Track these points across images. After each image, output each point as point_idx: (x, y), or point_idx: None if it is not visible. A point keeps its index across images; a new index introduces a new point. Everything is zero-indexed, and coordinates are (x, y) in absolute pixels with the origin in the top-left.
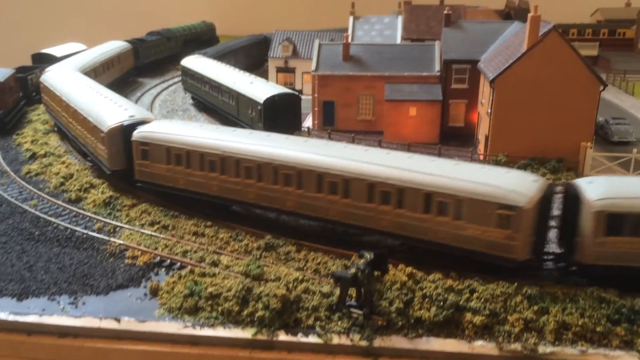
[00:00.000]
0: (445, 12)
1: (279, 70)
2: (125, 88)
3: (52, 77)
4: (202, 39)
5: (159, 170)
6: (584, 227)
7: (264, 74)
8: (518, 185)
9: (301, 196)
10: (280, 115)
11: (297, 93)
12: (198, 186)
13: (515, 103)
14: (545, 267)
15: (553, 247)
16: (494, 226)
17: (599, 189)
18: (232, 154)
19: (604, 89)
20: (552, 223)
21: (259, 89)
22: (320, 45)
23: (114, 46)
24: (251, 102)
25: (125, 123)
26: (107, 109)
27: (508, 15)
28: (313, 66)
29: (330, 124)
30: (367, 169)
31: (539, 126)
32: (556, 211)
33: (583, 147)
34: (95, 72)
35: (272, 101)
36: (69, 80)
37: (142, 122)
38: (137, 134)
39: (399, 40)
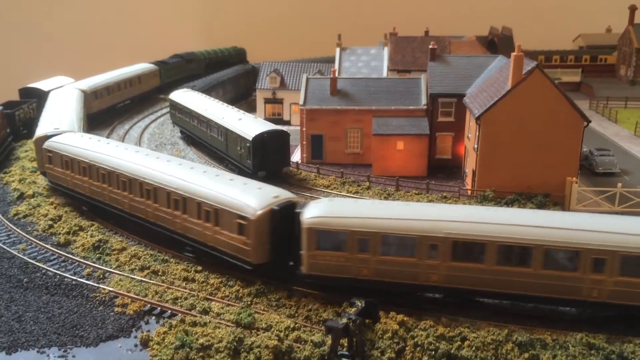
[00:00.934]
0: (430, 46)
1: (267, 101)
2: (112, 121)
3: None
4: (229, 62)
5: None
6: (303, 242)
7: (252, 104)
8: (257, 199)
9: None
10: (269, 152)
11: (285, 130)
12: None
13: (501, 139)
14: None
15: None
16: (236, 233)
17: (315, 208)
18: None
19: (587, 125)
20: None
21: (248, 125)
22: (307, 79)
23: (142, 67)
24: (240, 138)
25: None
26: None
27: (492, 42)
28: (301, 100)
29: (319, 157)
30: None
31: (525, 162)
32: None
33: (569, 182)
34: (124, 85)
35: (260, 138)
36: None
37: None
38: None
39: (385, 71)
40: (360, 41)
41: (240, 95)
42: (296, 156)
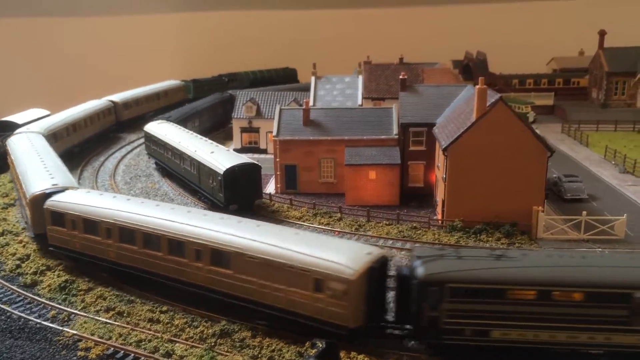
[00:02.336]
0: (400, 76)
1: (243, 130)
2: (86, 155)
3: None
4: (276, 81)
5: None
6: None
7: (230, 133)
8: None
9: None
10: (240, 185)
11: (257, 163)
12: None
13: (468, 169)
14: None
15: None
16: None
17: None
18: None
19: (551, 155)
20: None
21: (220, 159)
22: (281, 110)
23: (170, 83)
24: (212, 172)
25: None
26: None
27: (467, 66)
28: (274, 131)
29: (293, 187)
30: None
31: (492, 191)
32: None
33: (535, 211)
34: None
35: (232, 172)
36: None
37: None
38: None
39: (360, 99)
40: (339, 69)
41: (218, 123)
42: (271, 186)
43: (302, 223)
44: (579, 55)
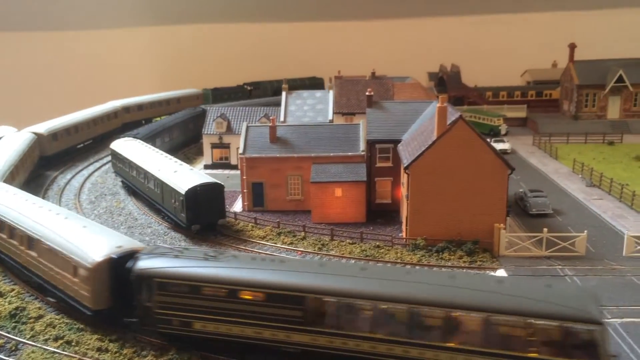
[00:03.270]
0: (367, 93)
1: (214, 146)
2: (51, 172)
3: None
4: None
5: None
6: None
7: (202, 148)
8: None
9: None
10: (202, 205)
11: (220, 183)
12: None
13: (430, 188)
14: None
15: None
16: None
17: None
18: None
19: (511, 173)
20: None
21: (182, 178)
22: (248, 127)
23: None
24: (174, 191)
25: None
26: None
27: (441, 79)
28: (240, 149)
29: (260, 205)
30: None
31: (454, 210)
32: None
33: (497, 228)
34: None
35: (194, 192)
36: None
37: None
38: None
39: (330, 114)
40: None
41: (190, 139)
42: (238, 204)
43: (265, 243)
44: (552, 68)
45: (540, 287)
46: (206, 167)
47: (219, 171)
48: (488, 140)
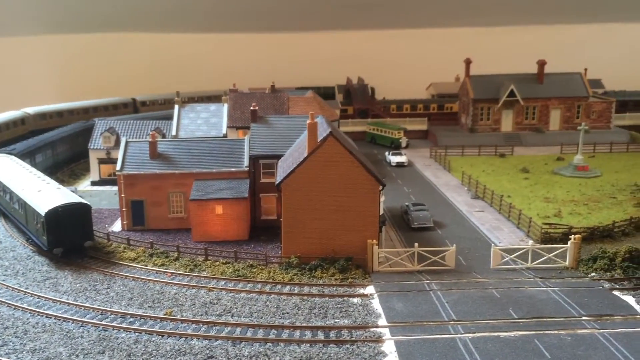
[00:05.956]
0: (251, 108)
1: (102, 161)
2: None
3: None
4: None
5: None
6: None
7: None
8: None
9: None
10: (66, 227)
11: (86, 203)
12: None
13: (303, 205)
14: None
15: None
16: None
17: None
18: None
19: (383, 189)
20: None
21: (45, 198)
22: (127, 142)
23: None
24: (35, 213)
25: None
26: None
27: (347, 91)
28: (118, 165)
29: (141, 224)
30: None
31: (328, 227)
32: None
33: (369, 244)
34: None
35: (55, 213)
36: None
37: None
38: None
39: (224, 128)
40: None
41: (79, 154)
42: (117, 224)
43: (135, 265)
44: (455, 81)
45: None
46: (93, 183)
47: (108, 187)
48: (386, 153)
